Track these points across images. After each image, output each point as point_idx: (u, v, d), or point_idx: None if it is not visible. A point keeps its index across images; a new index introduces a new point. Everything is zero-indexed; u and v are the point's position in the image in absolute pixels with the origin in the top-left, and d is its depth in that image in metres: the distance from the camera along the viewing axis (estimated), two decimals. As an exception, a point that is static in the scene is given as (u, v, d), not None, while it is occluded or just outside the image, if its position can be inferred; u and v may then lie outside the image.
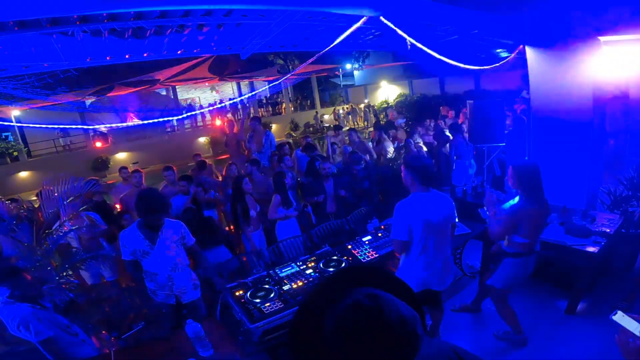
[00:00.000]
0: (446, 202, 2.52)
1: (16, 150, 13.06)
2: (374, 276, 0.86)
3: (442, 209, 2.46)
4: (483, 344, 3.06)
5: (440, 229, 2.47)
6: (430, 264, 2.51)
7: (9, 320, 2.15)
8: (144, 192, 2.75)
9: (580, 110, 4.17)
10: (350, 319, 0.72)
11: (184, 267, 2.85)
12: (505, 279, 2.80)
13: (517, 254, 2.72)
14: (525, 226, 2.62)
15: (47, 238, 3.09)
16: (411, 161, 2.50)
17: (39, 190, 3.52)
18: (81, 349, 2.39)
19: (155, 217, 2.66)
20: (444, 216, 2.47)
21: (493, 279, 2.86)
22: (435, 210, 2.44)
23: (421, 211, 2.41)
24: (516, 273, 2.77)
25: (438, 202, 2.47)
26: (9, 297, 2.17)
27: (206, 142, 16.34)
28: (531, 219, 2.62)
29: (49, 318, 2.27)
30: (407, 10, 3.04)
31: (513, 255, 2.74)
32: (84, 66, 4.57)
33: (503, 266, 2.80)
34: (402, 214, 2.44)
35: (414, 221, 2.41)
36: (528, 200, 2.60)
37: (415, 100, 17.91)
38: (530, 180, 2.60)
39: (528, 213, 2.59)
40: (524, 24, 3.58)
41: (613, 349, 1.35)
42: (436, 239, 2.47)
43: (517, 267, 2.75)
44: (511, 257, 2.75)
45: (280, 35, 4.64)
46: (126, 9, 3.12)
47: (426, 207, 2.42)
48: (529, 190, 2.60)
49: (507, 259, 2.77)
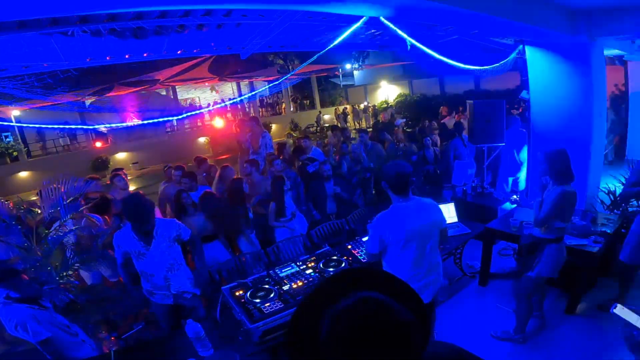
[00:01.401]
0: (430, 209, 2.38)
1: (16, 150, 13.05)
2: (375, 279, 0.85)
3: (424, 216, 2.32)
4: (483, 344, 3.06)
5: (423, 237, 2.32)
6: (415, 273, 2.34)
7: (6, 321, 2.14)
8: (128, 199, 2.72)
9: (580, 110, 4.18)
10: (343, 322, 0.71)
11: (180, 267, 2.82)
12: (552, 265, 2.81)
13: (558, 238, 2.77)
14: (567, 210, 2.70)
15: (47, 238, 3.09)
16: (384, 171, 2.37)
17: (39, 190, 3.52)
18: (81, 349, 2.39)
19: (141, 222, 2.62)
20: (427, 223, 2.32)
21: (540, 268, 2.82)
22: (416, 219, 2.29)
23: (398, 223, 2.27)
24: (559, 258, 2.81)
25: (419, 210, 2.32)
26: (5, 299, 2.16)
27: (206, 142, 16.34)
28: (572, 202, 2.70)
29: (48, 318, 2.26)
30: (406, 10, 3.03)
31: (555, 240, 2.77)
32: (84, 66, 4.56)
33: (548, 253, 2.80)
34: (375, 227, 2.33)
35: (388, 233, 2.27)
36: (566, 184, 2.66)
37: (415, 100, 17.94)
38: (563, 165, 2.66)
39: (570, 196, 2.66)
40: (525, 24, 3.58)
41: (613, 349, 1.35)
42: (420, 247, 2.31)
43: (560, 251, 2.81)
44: (554, 243, 2.78)
45: (280, 35, 4.64)
46: (126, 9, 3.12)
47: (405, 218, 2.27)
48: (563, 174, 2.66)
49: (550, 245, 2.79)
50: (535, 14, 3.54)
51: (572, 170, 2.69)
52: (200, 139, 16.55)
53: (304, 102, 21.74)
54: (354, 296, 0.74)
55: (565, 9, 3.86)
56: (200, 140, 16.53)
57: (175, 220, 2.92)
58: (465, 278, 4.08)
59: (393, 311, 0.71)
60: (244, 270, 3.49)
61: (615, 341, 2.89)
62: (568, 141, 4.25)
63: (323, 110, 20.67)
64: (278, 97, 20.54)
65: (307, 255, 3.25)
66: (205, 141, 16.37)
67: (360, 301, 0.73)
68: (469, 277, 4.09)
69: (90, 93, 7.99)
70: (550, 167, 2.70)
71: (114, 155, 14.75)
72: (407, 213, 2.29)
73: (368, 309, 0.71)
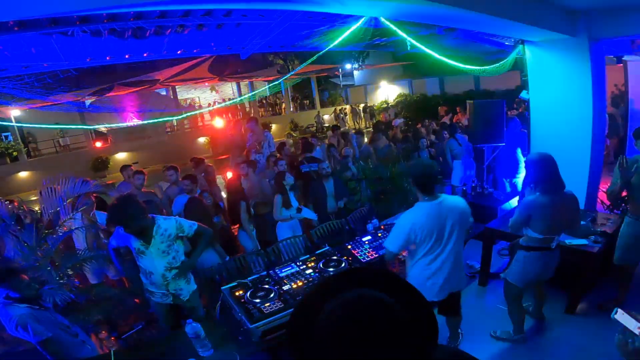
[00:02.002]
0: (457, 206, 2.40)
1: (16, 150, 13.06)
2: (378, 278, 0.85)
3: (451, 215, 2.34)
4: (482, 344, 3.06)
5: (450, 235, 2.37)
6: (445, 270, 2.42)
7: (6, 321, 2.14)
8: (119, 200, 2.65)
9: (580, 110, 4.18)
10: (338, 318, 0.71)
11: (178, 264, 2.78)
12: (516, 272, 2.76)
13: (529, 247, 2.68)
14: (538, 220, 2.57)
15: (47, 238, 3.09)
16: (410, 169, 2.43)
17: (39, 190, 3.52)
18: (81, 349, 2.39)
19: (133, 223, 2.59)
20: (455, 222, 2.36)
21: (508, 271, 2.84)
22: (443, 217, 2.33)
23: (426, 221, 2.30)
24: (528, 268, 2.71)
25: (446, 208, 2.34)
26: (5, 299, 2.16)
27: (206, 142, 16.34)
28: (545, 213, 2.54)
29: (49, 318, 2.26)
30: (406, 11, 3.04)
31: (525, 248, 2.70)
32: (84, 66, 4.57)
33: (516, 259, 2.77)
34: (401, 226, 2.36)
35: (417, 231, 2.32)
36: (543, 194, 2.54)
37: (415, 100, 17.94)
38: (544, 173, 2.54)
39: (542, 206, 2.52)
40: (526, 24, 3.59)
41: (613, 349, 1.35)
42: (447, 245, 2.38)
43: (530, 261, 2.69)
44: (523, 250, 2.71)
45: (280, 35, 4.64)
46: (126, 9, 3.12)
47: (433, 216, 2.31)
48: (543, 183, 2.54)
49: (520, 251, 2.74)
50: (535, 14, 3.54)
51: (558, 179, 2.55)
52: (200, 139, 16.55)
53: (304, 102, 21.74)
54: (352, 292, 0.75)
55: (565, 9, 3.86)
56: (200, 140, 16.53)
57: (176, 218, 2.84)
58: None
59: (390, 308, 0.71)
60: (244, 270, 3.49)
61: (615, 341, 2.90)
62: (568, 141, 4.26)
63: (323, 110, 20.67)
64: (278, 97, 20.54)
65: (307, 255, 3.25)
66: (205, 141, 16.38)
67: (358, 296, 0.73)
68: (468, 277, 4.09)
69: (90, 93, 8.00)
70: (533, 173, 2.60)
71: (114, 155, 14.74)
72: (435, 211, 2.32)
73: (364, 303, 0.72)
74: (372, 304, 0.72)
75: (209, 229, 2.97)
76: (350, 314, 0.71)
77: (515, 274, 2.78)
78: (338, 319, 0.71)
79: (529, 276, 2.76)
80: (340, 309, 0.72)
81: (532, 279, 2.79)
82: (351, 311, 0.71)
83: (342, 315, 0.71)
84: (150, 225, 2.67)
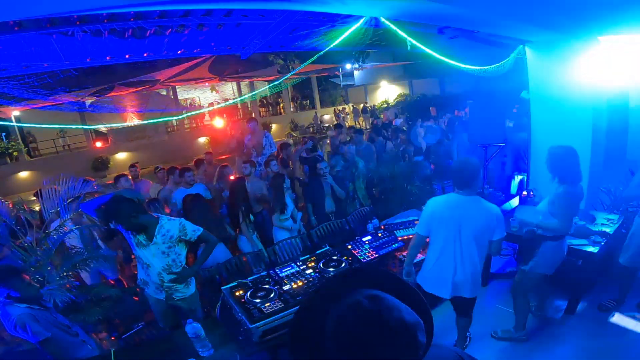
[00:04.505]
0: (487, 213, 2.39)
1: (16, 150, 13.06)
2: (380, 278, 0.85)
3: (477, 217, 2.37)
4: (483, 344, 3.06)
5: (470, 237, 2.38)
6: (459, 269, 2.44)
7: (6, 321, 2.14)
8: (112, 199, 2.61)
9: (580, 110, 4.18)
10: (348, 319, 0.70)
11: (178, 269, 2.75)
12: (546, 262, 2.81)
13: (556, 237, 2.76)
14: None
15: (47, 238, 3.09)
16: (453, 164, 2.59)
17: (36, 191, 3.52)
18: (81, 349, 2.39)
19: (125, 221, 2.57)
20: (478, 226, 2.38)
21: (534, 263, 2.84)
22: (468, 216, 2.37)
23: (450, 212, 2.40)
24: (556, 256, 2.81)
25: (475, 209, 2.38)
26: (5, 298, 2.16)
27: (206, 142, 16.35)
28: (579, 202, 2.71)
29: (48, 318, 2.26)
30: (406, 11, 3.04)
31: (552, 238, 2.76)
32: (84, 66, 4.56)
33: (544, 250, 2.80)
34: (427, 209, 2.50)
35: (438, 219, 2.42)
36: (567, 183, 2.65)
37: (415, 100, 17.95)
38: (568, 163, 2.65)
39: (571, 195, 2.65)
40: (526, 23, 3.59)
41: (613, 349, 1.35)
42: (466, 246, 2.40)
43: (557, 249, 2.79)
44: (550, 241, 2.77)
45: (280, 35, 4.64)
46: (126, 9, 3.12)
47: (457, 210, 2.39)
48: (567, 172, 2.65)
49: (546, 242, 2.79)
50: (535, 14, 3.54)
51: (578, 169, 2.67)
52: (200, 139, 16.55)
53: (304, 102, 21.74)
54: (359, 294, 0.73)
55: (565, 9, 3.86)
56: (200, 140, 16.53)
57: (181, 220, 2.78)
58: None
59: (400, 310, 0.71)
60: (244, 270, 3.49)
61: (615, 341, 2.90)
62: (568, 141, 4.25)
63: (323, 110, 20.67)
64: (278, 97, 20.54)
65: (307, 255, 3.25)
66: (205, 141, 16.38)
67: (365, 298, 0.72)
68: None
69: (90, 93, 7.99)
70: (556, 164, 2.70)
71: (114, 155, 14.74)
72: (461, 206, 2.39)
73: (374, 306, 0.71)
74: (384, 306, 0.71)
75: (214, 237, 2.91)
76: (363, 316, 0.70)
77: (544, 264, 2.83)
78: (350, 323, 0.70)
79: (557, 263, 2.85)
80: (350, 312, 0.71)
81: (557, 265, 2.87)
82: (363, 313, 0.70)
83: (355, 318, 0.70)
84: (152, 224, 2.65)
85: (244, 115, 17.75)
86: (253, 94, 12.30)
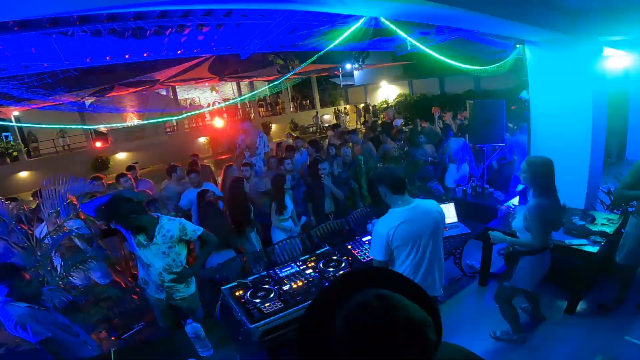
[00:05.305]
0: (431, 210, 2.33)
1: (16, 150, 13.06)
2: (385, 278, 0.85)
3: (426, 218, 2.28)
4: (483, 344, 3.06)
5: (427, 239, 2.28)
6: (424, 272, 2.32)
7: (6, 320, 2.14)
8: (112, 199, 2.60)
9: (580, 110, 4.18)
10: (357, 318, 0.70)
11: (179, 268, 2.75)
12: (525, 278, 2.75)
13: (534, 251, 2.68)
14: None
15: (47, 238, 3.09)
16: (377, 175, 2.34)
17: (35, 190, 3.52)
18: (82, 349, 2.39)
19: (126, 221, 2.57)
20: (430, 224, 2.28)
21: (515, 279, 2.77)
22: (419, 221, 2.25)
23: (401, 228, 2.21)
24: (535, 271, 2.74)
25: (421, 212, 2.27)
26: (6, 297, 2.16)
27: (206, 142, 16.35)
28: (552, 214, 2.59)
29: (49, 318, 2.26)
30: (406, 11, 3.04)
31: (530, 253, 2.69)
32: (84, 66, 4.56)
33: (521, 267, 2.74)
34: (378, 234, 2.26)
35: (392, 239, 2.22)
36: (542, 196, 2.57)
37: (415, 100, 17.95)
38: (543, 176, 2.56)
39: (542, 209, 2.55)
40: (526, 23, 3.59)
41: (613, 349, 1.35)
42: (427, 249, 2.28)
43: (537, 264, 2.71)
44: (528, 255, 2.71)
45: (280, 35, 4.64)
46: (126, 9, 3.12)
47: (406, 222, 2.21)
48: (541, 184, 2.57)
49: (523, 258, 2.72)
50: (535, 14, 3.54)
51: (553, 182, 2.58)
52: (200, 139, 16.55)
53: (304, 102, 21.74)
54: (367, 293, 0.73)
55: (565, 9, 3.86)
56: (200, 140, 16.53)
57: (181, 220, 2.78)
58: (465, 278, 4.08)
59: (407, 308, 0.70)
60: (244, 270, 3.49)
61: (615, 341, 2.90)
62: (568, 141, 4.26)
63: (323, 110, 20.67)
64: (278, 97, 20.54)
65: (307, 255, 3.25)
66: (205, 141, 16.38)
67: (374, 297, 0.72)
68: (469, 277, 4.09)
69: (90, 93, 7.98)
70: (531, 176, 2.59)
71: (114, 155, 14.74)
72: (409, 216, 2.23)
73: (383, 305, 0.70)
74: (392, 304, 0.70)
75: (214, 236, 2.89)
76: (372, 315, 0.69)
77: (524, 280, 2.76)
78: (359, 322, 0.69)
79: (538, 278, 2.78)
80: (359, 311, 0.70)
81: (540, 279, 2.81)
82: (372, 312, 0.69)
83: (363, 317, 0.69)
84: (152, 224, 2.65)
85: (243, 115, 17.75)
86: (253, 94, 12.27)
